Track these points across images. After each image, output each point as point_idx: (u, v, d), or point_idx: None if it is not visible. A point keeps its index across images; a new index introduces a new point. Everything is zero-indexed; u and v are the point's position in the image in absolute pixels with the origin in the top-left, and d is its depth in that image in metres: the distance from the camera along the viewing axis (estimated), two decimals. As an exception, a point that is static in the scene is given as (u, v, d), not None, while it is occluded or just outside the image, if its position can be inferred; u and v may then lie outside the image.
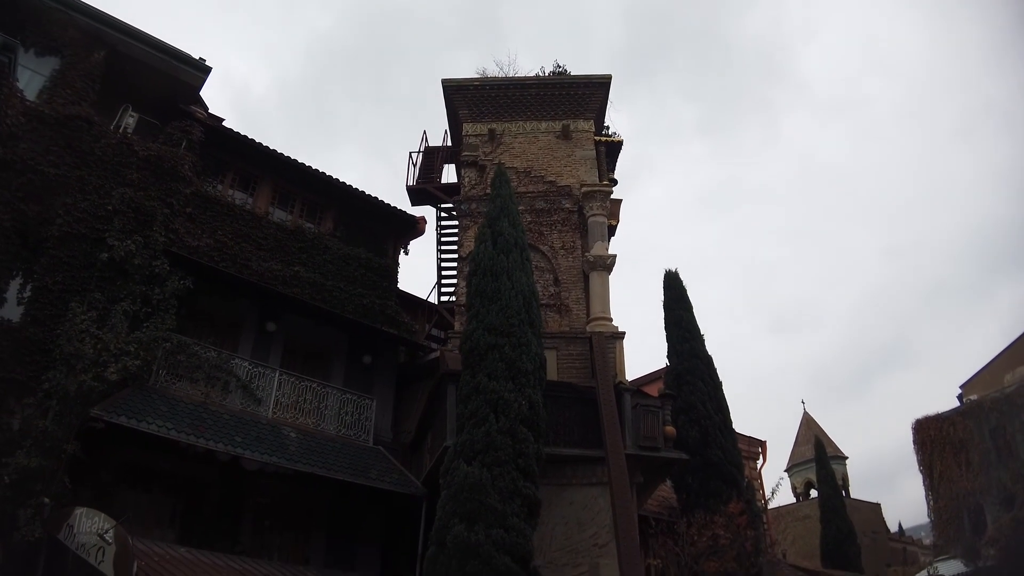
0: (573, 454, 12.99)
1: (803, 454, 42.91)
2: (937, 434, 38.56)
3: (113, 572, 9.11)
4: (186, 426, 12.39)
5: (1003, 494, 33.88)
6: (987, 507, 35.63)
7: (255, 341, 15.37)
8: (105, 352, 11.66)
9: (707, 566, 12.93)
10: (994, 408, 36.60)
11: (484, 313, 11.90)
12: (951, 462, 37.52)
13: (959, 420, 37.95)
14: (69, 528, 10.12)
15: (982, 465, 36.31)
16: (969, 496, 36.47)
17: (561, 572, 12.11)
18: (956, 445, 37.56)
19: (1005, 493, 33.64)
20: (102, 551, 9.34)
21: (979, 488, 36.07)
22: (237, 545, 13.37)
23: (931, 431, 38.92)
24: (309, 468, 13.41)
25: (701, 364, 20.06)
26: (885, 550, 36.86)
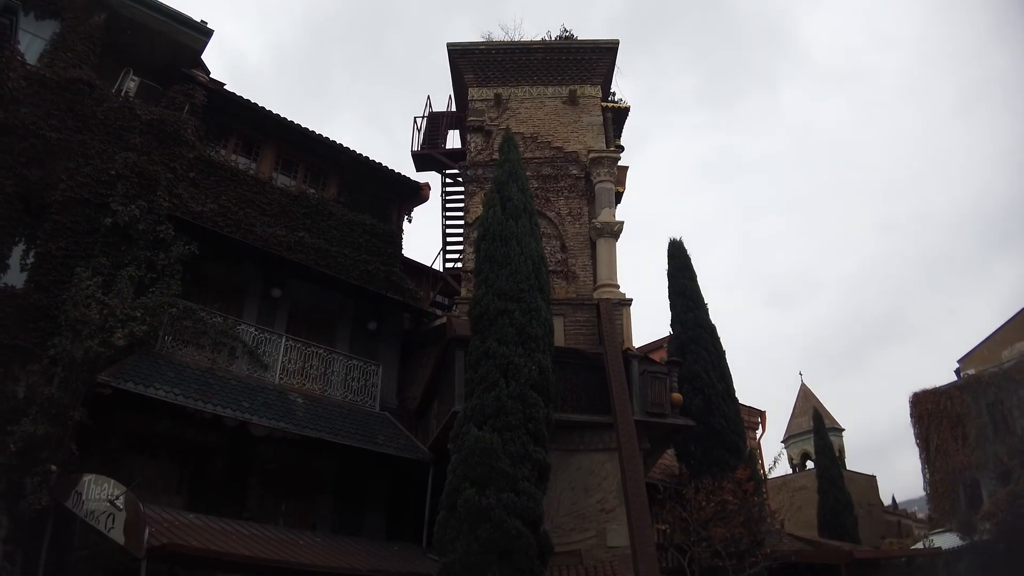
0: (580, 420, 13.00)
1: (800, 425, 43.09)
2: (934, 408, 38.74)
3: (123, 538, 9.07)
4: (193, 392, 12.35)
5: (999, 469, 34.12)
6: (983, 482, 35.90)
7: (260, 307, 15.30)
8: (111, 318, 11.57)
9: (715, 532, 13.00)
10: (992, 383, 36.75)
11: (494, 278, 11.83)
12: (948, 436, 37.73)
13: (957, 394, 38.11)
14: (77, 495, 10.06)
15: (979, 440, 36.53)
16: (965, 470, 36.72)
17: (568, 537, 12.17)
18: (953, 419, 37.75)
19: (1001, 468, 33.87)
20: (112, 518, 9.30)
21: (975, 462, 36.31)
22: (244, 511, 13.41)
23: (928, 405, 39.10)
24: (317, 433, 13.41)
25: (705, 333, 20.07)
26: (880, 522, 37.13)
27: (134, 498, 9.26)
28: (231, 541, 10.26)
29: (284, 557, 10.30)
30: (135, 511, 9.10)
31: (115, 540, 9.23)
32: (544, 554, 10.60)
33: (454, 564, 9.94)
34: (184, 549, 9.06)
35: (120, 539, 9.09)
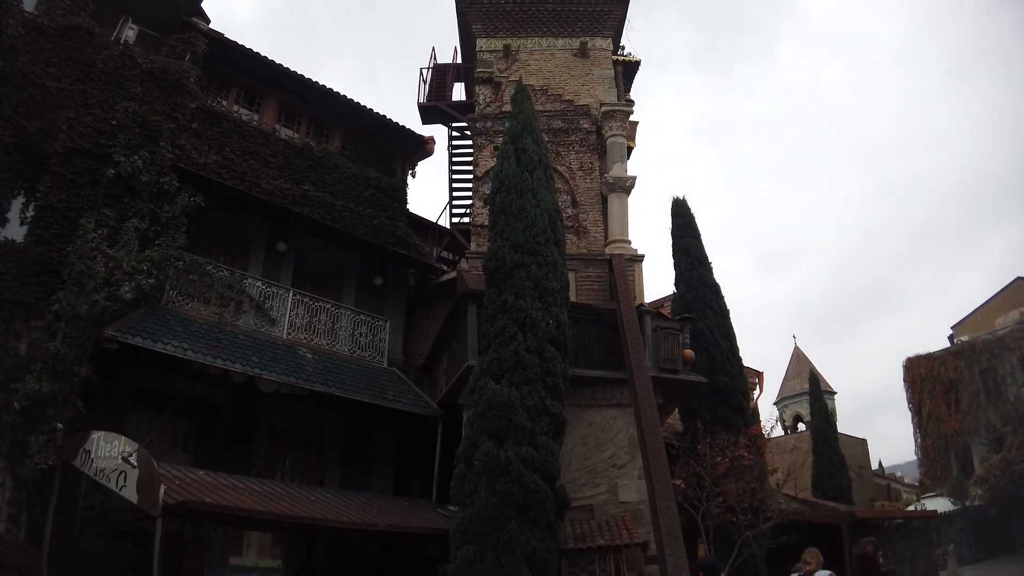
0: (593, 375, 12.86)
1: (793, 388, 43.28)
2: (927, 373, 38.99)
3: (137, 496, 8.85)
4: (202, 346, 12.15)
5: (992, 435, 34.45)
6: (975, 447, 36.29)
7: (265, 262, 15.08)
8: (117, 271, 11.29)
9: (727, 488, 12.98)
10: (986, 350, 37.00)
11: (509, 231, 11.60)
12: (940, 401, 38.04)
13: (950, 360, 38.36)
14: (86, 453, 9.86)
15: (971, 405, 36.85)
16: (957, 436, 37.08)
17: (580, 492, 12.11)
18: (946, 384, 38.04)
19: (994, 434, 34.20)
20: (123, 475, 9.08)
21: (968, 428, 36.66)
22: (252, 467, 13.30)
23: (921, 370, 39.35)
24: (327, 388, 13.26)
25: (709, 292, 19.97)
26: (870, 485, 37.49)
27: (147, 455, 9.06)
28: (244, 497, 10.13)
29: (299, 512, 10.20)
30: (149, 468, 8.89)
31: (127, 498, 9.04)
32: (561, 508, 10.56)
33: (472, 518, 9.85)
34: (200, 506, 8.89)
35: (133, 497, 8.89)
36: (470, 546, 9.71)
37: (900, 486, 45.68)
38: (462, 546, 9.81)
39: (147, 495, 8.74)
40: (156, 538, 8.51)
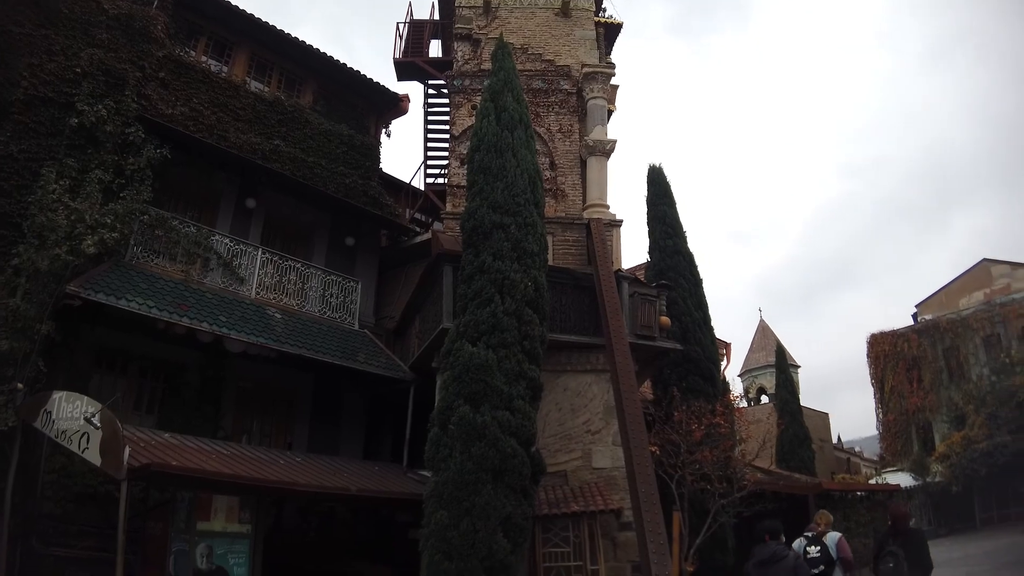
0: (569, 340, 12.68)
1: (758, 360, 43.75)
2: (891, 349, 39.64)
3: (100, 459, 8.52)
4: (168, 304, 11.76)
5: (954, 413, 35.14)
6: (936, 424, 37.03)
7: (233, 218, 14.65)
8: (80, 224, 10.82)
9: (702, 456, 12.93)
10: (949, 329, 37.66)
11: (489, 191, 11.28)
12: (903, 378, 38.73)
13: (913, 337, 39.03)
14: (47, 415, 9.46)
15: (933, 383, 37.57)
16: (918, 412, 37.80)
17: (554, 457, 11.98)
18: (909, 362, 38.72)
19: (956, 412, 34.88)
20: (86, 437, 8.71)
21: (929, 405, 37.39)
22: (219, 430, 13.01)
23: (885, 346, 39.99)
24: (297, 350, 12.95)
25: (683, 261, 19.86)
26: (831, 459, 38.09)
27: (111, 416, 8.69)
28: (212, 460, 9.84)
29: (269, 476, 9.94)
30: (113, 430, 8.53)
31: (90, 461, 8.71)
32: (536, 474, 10.40)
33: (447, 482, 9.65)
34: (167, 469, 8.58)
35: (96, 460, 8.55)
36: (444, 511, 9.52)
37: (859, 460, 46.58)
38: (436, 511, 9.61)
39: (111, 458, 8.41)
40: (121, 502, 8.20)
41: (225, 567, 8.98)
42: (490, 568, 9.36)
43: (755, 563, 7.69)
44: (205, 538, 8.93)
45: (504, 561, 9.47)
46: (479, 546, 9.32)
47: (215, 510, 9.11)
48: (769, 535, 7.85)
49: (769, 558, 7.50)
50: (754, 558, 7.74)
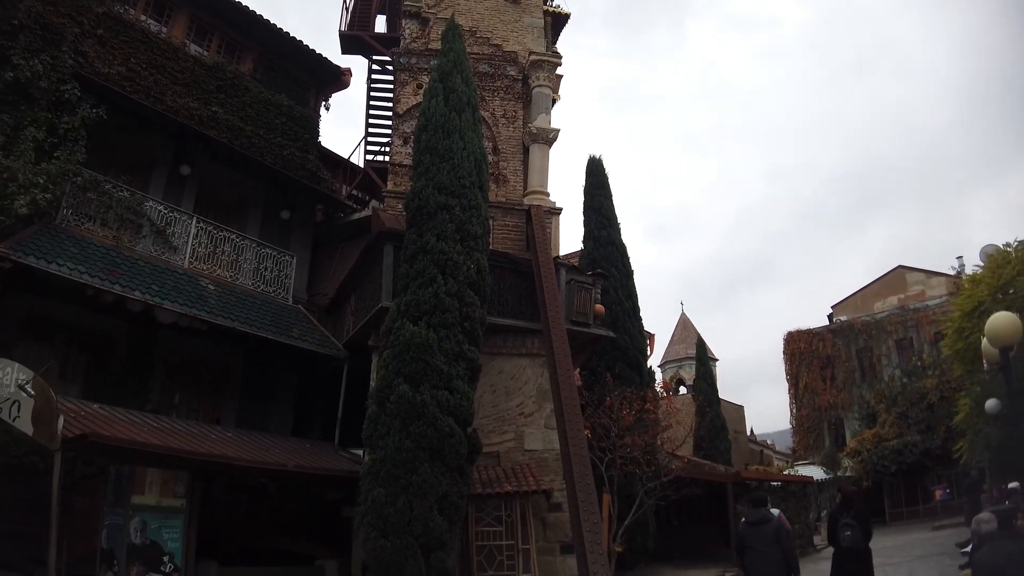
0: (506, 324, 12.82)
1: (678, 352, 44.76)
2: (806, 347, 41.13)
3: (32, 429, 8.17)
4: (99, 271, 11.37)
5: (865, 411, 36.63)
6: (847, 421, 38.61)
7: (167, 185, 14.21)
8: (12, 183, 10.37)
9: (631, 440, 13.28)
10: (864, 331, 39.28)
11: (435, 171, 11.30)
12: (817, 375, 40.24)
13: (828, 337, 40.58)
14: None
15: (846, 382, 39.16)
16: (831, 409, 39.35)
17: (488, 439, 12.10)
18: (823, 360, 40.24)
19: (867, 410, 36.35)
20: (17, 405, 8.33)
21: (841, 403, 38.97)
22: (146, 403, 12.67)
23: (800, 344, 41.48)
24: (230, 323, 12.72)
25: (616, 251, 20.28)
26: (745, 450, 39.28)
27: (44, 384, 8.33)
28: (144, 433, 9.62)
29: (208, 450, 9.79)
30: (46, 398, 8.18)
31: (22, 430, 8.37)
32: (473, 453, 10.57)
33: (385, 460, 9.72)
34: (103, 440, 8.36)
35: (28, 429, 8.17)
36: (382, 488, 9.58)
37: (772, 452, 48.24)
38: (373, 488, 9.67)
39: (44, 427, 8.05)
40: (55, 474, 7.93)
41: (159, 542, 8.83)
42: (426, 545, 9.49)
43: (745, 524, 9.21)
44: (139, 512, 8.75)
45: (440, 538, 9.62)
46: (415, 523, 9.43)
47: (149, 483, 8.93)
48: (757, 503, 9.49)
49: (758, 520, 8.98)
50: (745, 520, 9.26)
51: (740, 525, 9.49)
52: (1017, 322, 9.06)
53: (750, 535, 9.05)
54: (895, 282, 41.16)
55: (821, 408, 39.79)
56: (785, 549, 8.81)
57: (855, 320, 40.28)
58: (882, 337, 38.78)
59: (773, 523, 9.04)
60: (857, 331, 39.69)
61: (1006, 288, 15.33)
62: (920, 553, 17.87)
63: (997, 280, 15.67)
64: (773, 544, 8.76)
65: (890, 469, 32.04)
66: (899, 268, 41.83)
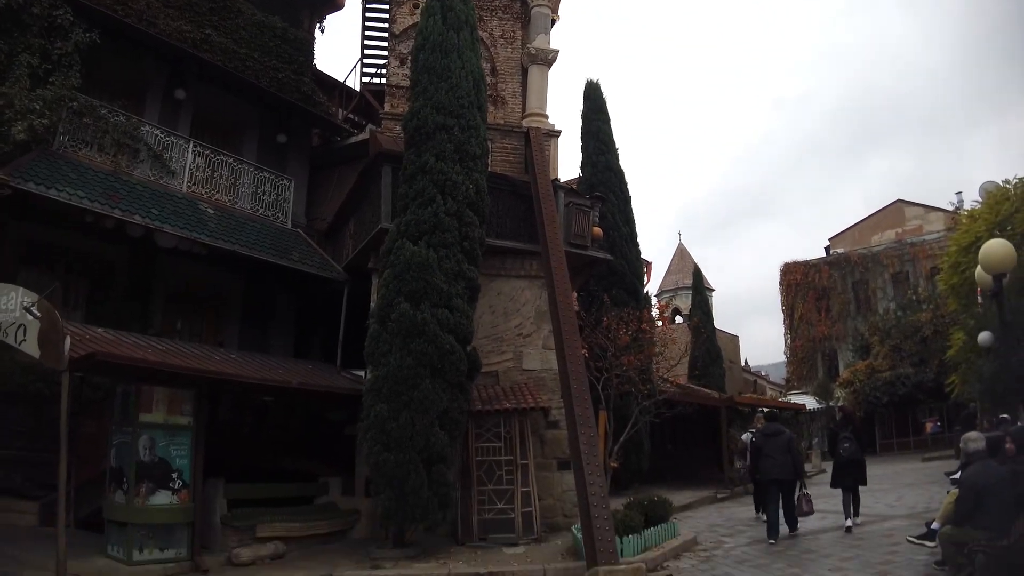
0: (504, 245, 12.87)
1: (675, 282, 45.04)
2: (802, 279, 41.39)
3: (39, 351, 8.24)
4: (99, 196, 11.40)
5: (859, 343, 37.07)
6: (841, 352, 39.07)
7: (162, 110, 14.17)
8: (8, 110, 10.32)
9: (627, 360, 13.50)
10: (860, 263, 39.45)
11: (433, 91, 11.20)
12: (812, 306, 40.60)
13: (825, 269, 40.80)
14: None
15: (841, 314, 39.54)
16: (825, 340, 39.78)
17: (487, 358, 12.28)
18: (819, 292, 40.55)
19: (861, 342, 36.78)
20: (23, 329, 8.40)
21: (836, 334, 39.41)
22: (149, 329, 12.86)
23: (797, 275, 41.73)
24: (231, 246, 12.80)
25: (614, 177, 20.33)
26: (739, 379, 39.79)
27: (50, 306, 8.40)
28: (151, 353, 9.73)
29: (214, 368, 9.96)
30: (52, 319, 8.22)
31: (28, 353, 8.48)
32: (472, 371, 10.76)
33: (387, 377, 9.89)
34: (111, 358, 8.40)
35: (35, 352, 8.23)
36: (384, 404, 9.78)
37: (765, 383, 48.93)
38: (376, 404, 9.87)
39: (50, 349, 8.10)
40: (63, 394, 8.03)
41: (167, 459, 9.03)
42: (428, 459, 9.75)
43: (762, 434, 11.35)
44: (147, 430, 8.91)
45: (441, 453, 9.87)
46: (417, 438, 9.67)
47: (156, 402, 9.08)
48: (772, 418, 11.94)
49: (773, 432, 11.06)
50: (761, 431, 11.47)
51: (757, 436, 11.52)
52: (1011, 249, 9.19)
53: (766, 444, 10.98)
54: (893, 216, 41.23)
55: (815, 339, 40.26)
56: (794, 456, 10.84)
57: (852, 253, 40.45)
58: (878, 270, 39.02)
59: (786, 435, 10.96)
60: (853, 264, 39.89)
61: (1004, 224, 15.45)
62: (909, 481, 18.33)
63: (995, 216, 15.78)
64: (785, 452, 10.72)
65: (882, 400, 32.56)
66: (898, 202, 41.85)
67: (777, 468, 10.73)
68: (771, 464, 10.84)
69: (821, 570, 8.50)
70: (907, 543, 8.71)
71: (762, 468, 11.17)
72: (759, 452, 11.24)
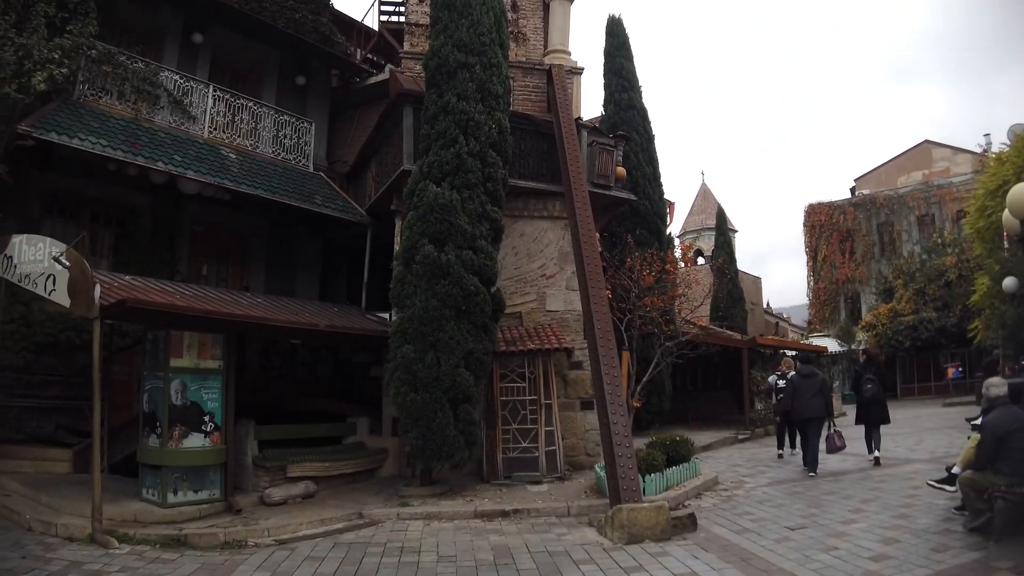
0: (528, 186, 12.79)
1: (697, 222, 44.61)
2: (826, 219, 40.77)
3: (69, 300, 8.30)
4: (121, 143, 11.41)
5: (882, 286, 36.62)
6: (864, 295, 38.64)
7: (180, 55, 14.08)
8: (28, 60, 10.23)
9: (650, 301, 13.47)
10: (886, 205, 38.76)
11: (453, 28, 11.00)
12: (836, 248, 40.04)
13: (849, 210, 40.13)
14: (7, 259, 9.15)
15: (865, 256, 38.97)
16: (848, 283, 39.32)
17: (511, 300, 12.32)
18: (843, 233, 39.95)
19: (884, 285, 36.32)
20: (52, 279, 8.48)
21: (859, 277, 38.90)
22: (175, 275, 13.00)
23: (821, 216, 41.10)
24: (254, 190, 12.81)
25: (637, 115, 20.02)
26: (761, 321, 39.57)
27: (78, 255, 8.48)
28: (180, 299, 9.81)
29: (244, 312, 10.04)
30: (81, 268, 8.30)
31: (59, 303, 8.57)
32: (497, 312, 10.80)
33: (412, 318, 9.95)
34: (142, 304, 8.44)
35: (65, 301, 8.34)
36: (410, 345, 9.86)
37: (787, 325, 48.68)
38: (402, 345, 9.95)
39: (81, 298, 8.21)
40: (95, 342, 8.16)
41: (199, 402, 9.17)
42: (454, 399, 9.86)
43: (798, 375, 12.17)
44: (178, 374, 9.02)
45: (467, 392, 9.97)
46: (443, 378, 9.76)
47: (186, 347, 9.16)
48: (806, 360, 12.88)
49: (807, 374, 11.97)
50: (797, 372, 12.29)
51: (793, 376, 12.35)
52: (1041, 193, 8.94)
53: (801, 384, 11.85)
54: (920, 157, 40.39)
55: (838, 281, 39.87)
56: (826, 396, 11.77)
57: (877, 194, 39.77)
58: (904, 212, 38.39)
59: (819, 377, 11.99)
60: (879, 205, 39.27)
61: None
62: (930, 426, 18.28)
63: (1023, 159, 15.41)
64: (818, 393, 11.63)
65: (904, 344, 32.32)
66: (925, 143, 40.96)
67: (811, 407, 11.59)
68: (805, 403, 11.66)
69: (841, 511, 8.54)
70: (927, 487, 8.68)
71: (796, 407, 11.85)
72: (795, 392, 11.91)
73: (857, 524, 7.82)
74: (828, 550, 6.82)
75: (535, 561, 6.96)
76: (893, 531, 7.38)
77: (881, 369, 13.06)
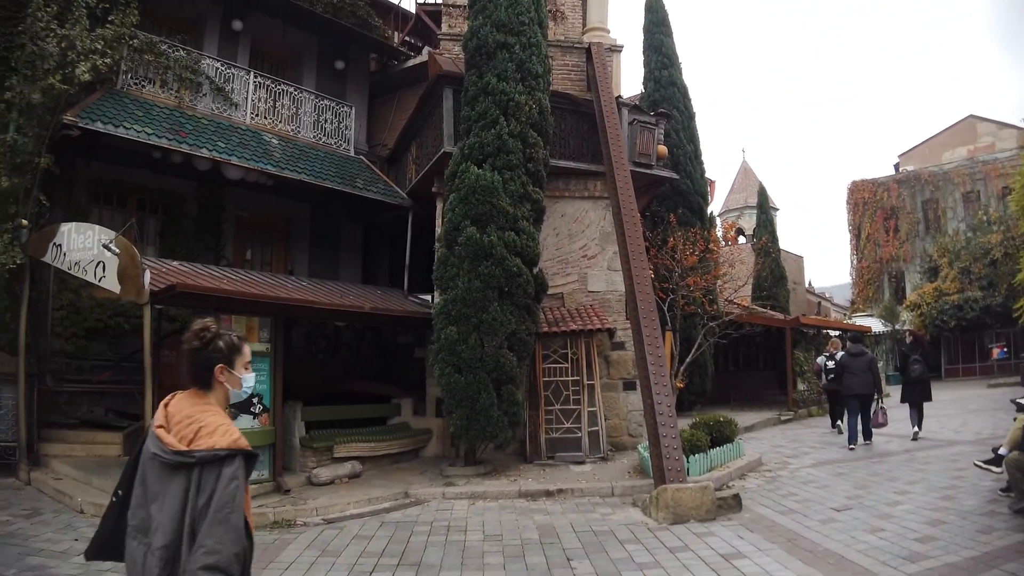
0: (569, 166, 12.72)
1: (738, 201, 44.03)
2: (870, 197, 39.94)
3: (119, 286, 8.46)
4: (165, 131, 11.55)
5: (927, 264, 35.76)
6: (908, 274, 37.84)
7: (220, 42, 14.24)
8: (72, 51, 10.38)
9: (693, 281, 13.36)
10: (930, 181, 37.86)
11: (492, 8, 10.94)
12: (879, 226, 39.23)
13: (894, 187, 39.26)
14: (57, 248, 9.43)
15: (910, 234, 38.13)
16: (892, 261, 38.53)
17: (552, 280, 12.29)
18: (887, 211, 39.13)
19: (929, 264, 35.47)
20: (102, 266, 8.64)
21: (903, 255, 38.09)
22: (221, 260, 13.22)
23: (864, 193, 40.28)
24: (298, 175, 12.91)
25: (678, 93, 19.75)
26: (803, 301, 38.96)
27: (127, 242, 8.62)
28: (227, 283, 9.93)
29: (289, 295, 10.16)
30: (130, 254, 8.45)
31: (109, 289, 8.73)
32: (539, 293, 10.78)
33: (455, 300, 9.97)
34: (192, 288, 8.56)
35: (115, 287, 8.51)
36: (454, 327, 9.90)
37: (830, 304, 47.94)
38: (446, 327, 9.99)
39: (130, 284, 8.36)
40: (145, 327, 8.33)
41: (248, 385, 9.29)
42: (497, 380, 9.89)
43: (848, 354, 12.60)
44: (227, 358, 9.15)
45: (510, 373, 10.00)
46: (487, 359, 9.79)
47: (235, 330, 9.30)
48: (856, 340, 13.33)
49: (857, 352, 12.40)
50: (847, 352, 12.70)
51: (843, 356, 12.78)
52: (1088, 171, 8.69)
53: (851, 363, 12.28)
54: (965, 132, 39.35)
55: (882, 260, 39.13)
56: (874, 374, 12.21)
57: (922, 170, 38.88)
58: (948, 189, 37.49)
59: (868, 355, 12.40)
60: (923, 182, 38.40)
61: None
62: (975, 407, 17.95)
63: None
64: (867, 371, 12.11)
65: (949, 324, 31.60)
66: (970, 118, 39.87)
67: (861, 385, 12.09)
68: (855, 381, 12.13)
69: (887, 493, 8.44)
70: (973, 468, 8.59)
71: (845, 384, 12.31)
72: (845, 369, 12.37)
73: (903, 505, 7.73)
74: (874, 531, 6.75)
75: (580, 540, 6.98)
76: (939, 512, 7.29)
77: (927, 350, 13.54)
